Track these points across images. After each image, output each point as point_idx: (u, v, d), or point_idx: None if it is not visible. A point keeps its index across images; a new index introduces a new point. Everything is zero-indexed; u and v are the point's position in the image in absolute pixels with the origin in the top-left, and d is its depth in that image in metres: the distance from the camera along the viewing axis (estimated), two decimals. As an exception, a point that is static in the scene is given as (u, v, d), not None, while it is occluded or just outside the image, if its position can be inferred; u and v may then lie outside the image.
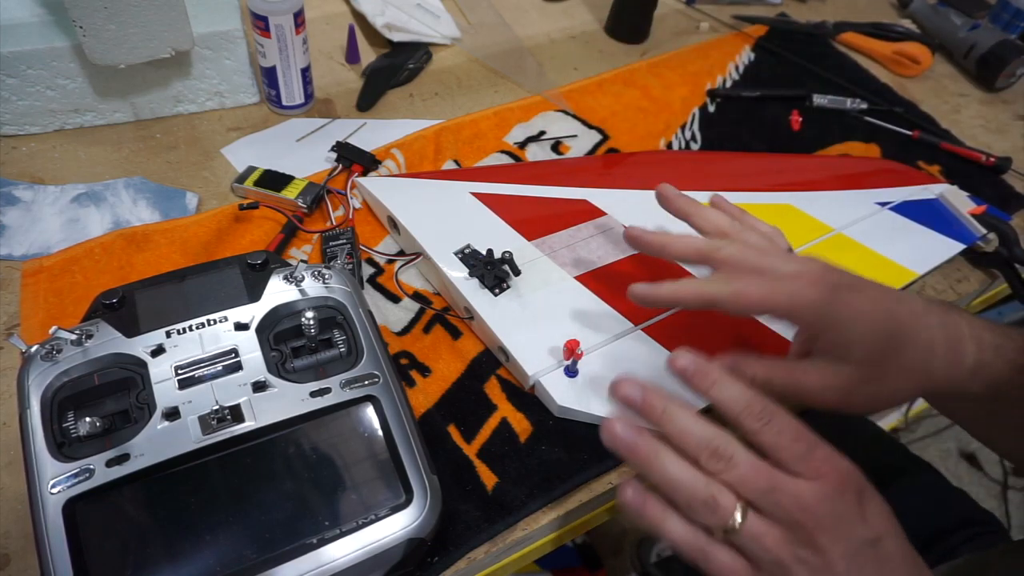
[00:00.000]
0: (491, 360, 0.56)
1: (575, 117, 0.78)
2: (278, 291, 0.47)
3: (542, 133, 0.76)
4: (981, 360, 0.43)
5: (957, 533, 0.65)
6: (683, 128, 0.81)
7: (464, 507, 0.48)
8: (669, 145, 0.79)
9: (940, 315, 0.43)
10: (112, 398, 0.42)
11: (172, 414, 0.41)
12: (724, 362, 0.43)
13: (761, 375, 0.44)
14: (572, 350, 0.52)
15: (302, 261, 0.57)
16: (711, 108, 0.84)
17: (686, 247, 0.48)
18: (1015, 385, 0.43)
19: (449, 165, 0.71)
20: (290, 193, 0.63)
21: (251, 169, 0.65)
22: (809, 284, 0.42)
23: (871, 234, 0.69)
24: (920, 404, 1.63)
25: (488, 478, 0.50)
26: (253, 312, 0.46)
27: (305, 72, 0.70)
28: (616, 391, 0.39)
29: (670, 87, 0.85)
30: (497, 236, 0.60)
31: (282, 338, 0.46)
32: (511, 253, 0.57)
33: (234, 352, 0.44)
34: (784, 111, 0.85)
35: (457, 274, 0.57)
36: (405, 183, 0.65)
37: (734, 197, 0.70)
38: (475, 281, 0.57)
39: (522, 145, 0.74)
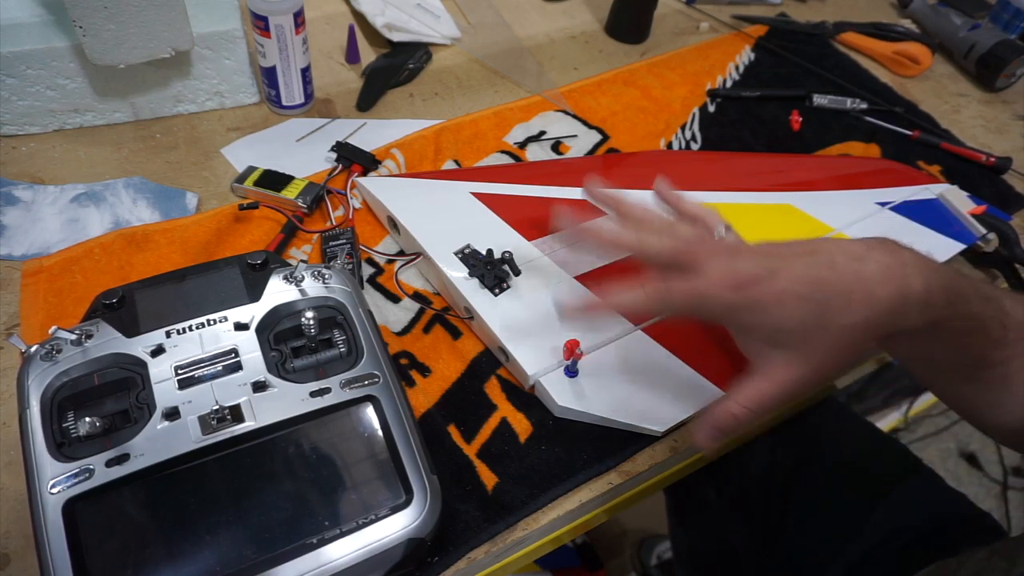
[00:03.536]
0: (491, 360, 0.56)
1: (575, 117, 0.78)
2: (278, 291, 0.47)
3: (542, 133, 0.76)
4: (928, 290, 0.43)
5: (955, 533, 0.65)
6: (683, 128, 0.81)
7: (464, 507, 0.48)
8: (669, 145, 0.79)
9: (880, 254, 0.45)
10: (112, 398, 0.42)
11: (172, 414, 0.41)
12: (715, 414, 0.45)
13: (748, 410, 0.43)
14: (572, 350, 0.52)
15: (302, 261, 0.57)
16: (711, 108, 0.84)
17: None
18: (948, 316, 0.43)
19: (449, 165, 0.71)
20: (290, 193, 0.63)
21: (251, 169, 0.65)
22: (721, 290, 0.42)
23: (871, 234, 0.69)
24: (920, 404, 1.63)
25: (488, 478, 0.50)
26: (253, 312, 0.46)
27: (305, 72, 0.70)
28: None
29: (670, 87, 0.85)
30: (497, 236, 0.60)
31: (282, 338, 0.46)
32: (511, 253, 0.57)
33: (234, 352, 0.44)
34: (784, 111, 0.85)
35: (457, 274, 0.57)
36: (405, 183, 0.65)
37: (734, 197, 0.70)
38: (475, 281, 0.57)
39: (522, 145, 0.74)
